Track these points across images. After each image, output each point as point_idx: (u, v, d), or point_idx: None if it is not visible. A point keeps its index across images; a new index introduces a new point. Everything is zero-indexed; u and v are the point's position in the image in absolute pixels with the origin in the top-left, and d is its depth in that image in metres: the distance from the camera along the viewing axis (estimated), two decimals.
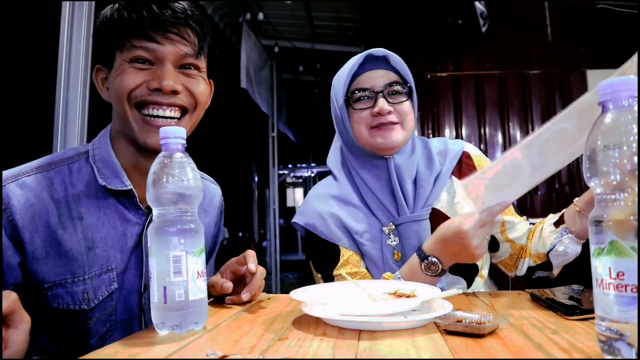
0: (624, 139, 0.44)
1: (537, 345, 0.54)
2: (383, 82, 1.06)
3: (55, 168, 0.86)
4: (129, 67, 0.84)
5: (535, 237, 1.07)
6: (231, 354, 0.55)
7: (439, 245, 0.90)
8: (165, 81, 0.83)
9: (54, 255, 0.81)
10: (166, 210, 0.67)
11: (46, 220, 0.81)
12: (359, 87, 1.08)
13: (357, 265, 1.05)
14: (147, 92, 0.84)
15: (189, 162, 0.69)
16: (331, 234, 1.06)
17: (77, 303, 0.82)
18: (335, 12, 5.21)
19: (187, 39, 0.86)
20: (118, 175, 0.87)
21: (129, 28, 0.83)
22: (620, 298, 0.43)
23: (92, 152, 0.90)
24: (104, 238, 0.85)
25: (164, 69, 0.84)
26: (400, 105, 1.06)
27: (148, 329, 0.71)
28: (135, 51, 0.83)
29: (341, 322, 0.66)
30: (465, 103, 4.15)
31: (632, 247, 0.43)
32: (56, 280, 0.81)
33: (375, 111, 1.04)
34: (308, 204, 1.12)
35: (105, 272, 0.85)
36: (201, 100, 0.90)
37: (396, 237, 1.05)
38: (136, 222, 0.89)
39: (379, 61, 1.09)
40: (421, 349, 0.55)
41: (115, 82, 0.85)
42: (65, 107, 1.76)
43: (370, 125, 1.06)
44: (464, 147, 1.17)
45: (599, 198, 0.47)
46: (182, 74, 0.87)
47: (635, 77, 0.46)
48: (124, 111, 0.85)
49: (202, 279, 0.68)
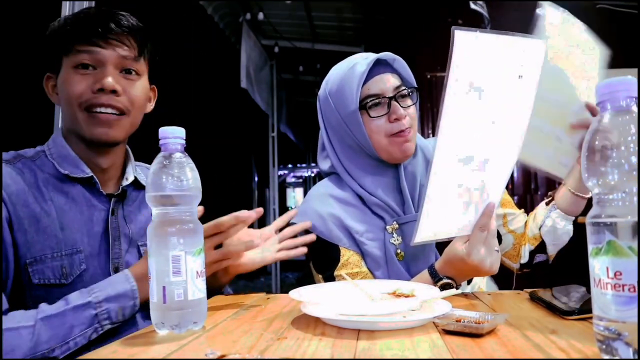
0: (622, 139, 0.45)
1: (535, 345, 0.55)
2: (392, 87, 1.04)
3: (21, 160, 0.93)
4: (73, 74, 0.91)
5: (530, 220, 1.11)
6: (230, 353, 0.55)
7: (449, 268, 0.88)
8: (105, 80, 0.90)
9: (33, 233, 0.86)
10: (165, 210, 0.67)
11: (24, 199, 0.87)
12: (371, 93, 1.04)
13: (357, 265, 1.04)
14: (93, 96, 0.91)
15: (188, 162, 0.69)
16: (331, 234, 1.05)
17: (57, 277, 0.87)
18: (335, 12, 5.21)
19: (126, 44, 0.94)
20: (78, 165, 0.95)
21: (74, 36, 0.91)
22: (617, 298, 0.43)
23: (48, 151, 0.96)
24: (71, 221, 0.91)
25: (106, 70, 0.92)
26: (410, 109, 1.06)
27: (147, 329, 0.71)
28: (79, 56, 0.91)
29: (340, 322, 0.66)
30: None
31: (629, 247, 0.43)
32: (36, 256, 0.86)
33: (393, 117, 1.03)
34: (307, 204, 1.12)
35: (75, 253, 0.90)
36: (137, 102, 0.97)
37: (399, 236, 1.04)
38: (102, 208, 0.96)
39: (383, 65, 1.07)
40: (420, 349, 0.55)
41: (64, 89, 0.93)
42: None
43: (389, 133, 1.04)
44: None
45: (597, 198, 0.47)
46: (123, 77, 0.94)
47: (634, 77, 0.46)
48: (74, 113, 0.92)
49: (201, 278, 0.68)
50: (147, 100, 1.02)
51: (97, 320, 0.77)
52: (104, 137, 0.93)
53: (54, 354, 0.73)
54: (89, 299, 0.78)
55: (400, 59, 1.08)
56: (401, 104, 1.04)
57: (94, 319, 0.77)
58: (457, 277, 0.88)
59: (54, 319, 0.75)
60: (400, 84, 1.06)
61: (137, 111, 0.98)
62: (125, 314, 0.81)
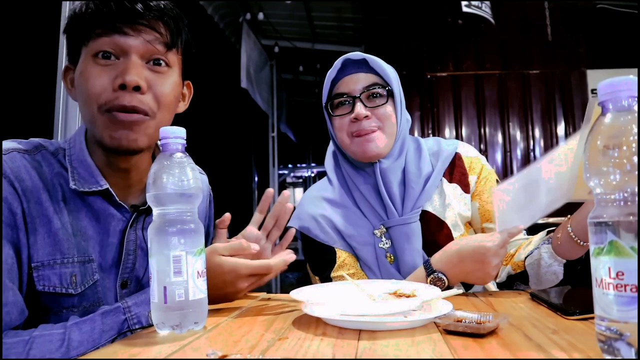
0: (623, 139, 0.44)
1: (536, 345, 0.54)
2: (361, 86, 1.05)
3: (42, 152, 0.83)
4: (92, 64, 0.79)
5: (525, 244, 1.03)
6: (231, 354, 0.55)
7: (451, 260, 0.88)
8: (128, 76, 0.77)
9: (44, 234, 0.78)
10: (166, 210, 0.67)
11: (38, 197, 0.78)
12: (337, 92, 1.07)
13: (354, 267, 1.04)
14: (113, 95, 0.78)
15: (189, 162, 0.69)
16: (326, 237, 1.06)
17: (65, 286, 0.79)
18: (335, 12, 5.21)
19: (156, 29, 0.80)
20: (93, 175, 0.83)
21: (95, 20, 0.78)
22: (619, 298, 0.43)
23: (68, 151, 0.86)
24: (84, 228, 0.83)
25: (129, 61, 0.78)
26: (379, 109, 1.04)
27: (148, 329, 0.71)
28: (99, 41, 0.78)
29: (341, 322, 0.66)
30: (465, 103, 4.15)
31: (631, 247, 0.43)
32: (44, 260, 0.77)
33: (352, 117, 1.03)
34: (302, 207, 1.12)
35: (88, 262, 0.82)
36: (164, 101, 0.82)
37: (388, 240, 1.04)
38: (120, 218, 0.86)
39: (359, 64, 1.07)
40: (421, 349, 0.55)
41: (81, 84, 0.80)
42: (65, 105, 1.76)
43: (350, 132, 1.05)
44: (457, 147, 1.15)
45: (599, 198, 0.47)
46: (150, 69, 0.81)
47: (635, 77, 0.46)
48: (92, 116, 0.80)
49: (202, 279, 0.68)
50: (178, 98, 0.88)
51: (127, 325, 0.73)
52: (124, 142, 0.79)
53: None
54: (118, 304, 0.75)
55: (374, 57, 1.07)
56: (369, 103, 1.04)
57: (124, 323, 0.73)
58: (452, 272, 0.89)
59: (83, 325, 0.71)
60: (374, 82, 1.05)
61: (165, 112, 0.83)
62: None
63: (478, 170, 1.13)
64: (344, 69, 1.07)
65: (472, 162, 1.13)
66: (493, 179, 1.13)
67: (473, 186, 1.12)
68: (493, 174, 1.14)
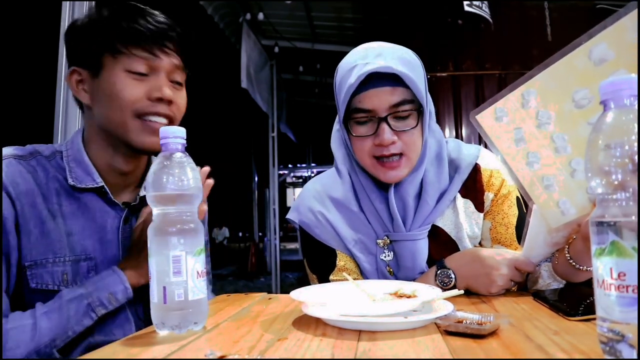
0: (625, 138, 0.44)
1: (538, 346, 0.54)
2: (388, 104, 0.92)
3: (37, 157, 0.90)
4: (125, 77, 0.88)
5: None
6: (230, 354, 0.55)
7: (463, 257, 0.87)
8: (164, 90, 0.89)
9: (37, 235, 0.85)
10: (166, 210, 0.67)
11: (32, 200, 0.85)
12: (360, 106, 0.93)
13: (355, 272, 1.02)
14: (149, 103, 0.89)
15: (189, 162, 0.69)
16: (327, 237, 1.02)
17: (57, 283, 0.86)
18: (335, 12, 5.21)
19: (178, 53, 0.93)
20: (90, 173, 0.91)
21: (126, 36, 0.87)
22: (621, 299, 0.43)
23: (65, 152, 0.93)
24: (81, 227, 0.90)
25: (161, 79, 0.90)
26: (406, 135, 0.93)
27: (147, 329, 0.71)
28: (135, 61, 0.88)
29: (341, 323, 0.66)
30: (465, 103, 4.15)
31: (633, 248, 0.42)
32: (37, 259, 0.85)
33: (376, 142, 0.93)
34: (303, 200, 1.07)
35: (84, 260, 0.89)
36: (182, 112, 0.96)
37: (390, 252, 0.99)
38: (115, 215, 0.94)
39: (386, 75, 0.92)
40: (421, 350, 0.55)
41: (112, 92, 0.87)
42: (65, 106, 1.76)
43: (372, 154, 0.95)
44: (478, 157, 1.04)
45: (600, 198, 0.47)
46: (172, 87, 0.93)
47: (635, 75, 0.46)
48: (124, 120, 0.88)
49: (202, 279, 0.67)
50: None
51: (90, 309, 0.82)
52: (156, 146, 0.85)
53: (55, 343, 0.77)
54: (81, 292, 0.82)
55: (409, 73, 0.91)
56: (397, 125, 0.93)
57: (88, 307, 0.81)
58: (461, 271, 0.88)
59: (52, 314, 0.79)
60: (404, 99, 0.92)
61: (179, 120, 0.97)
62: (118, 299, 0.84)
63: (497, 186, 1.03)
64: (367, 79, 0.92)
65: (491, 177, 1.03)
66: (513, 197, 1.03)
67: (488, 204, 1.03)
68: (514, 192, 1.03)
